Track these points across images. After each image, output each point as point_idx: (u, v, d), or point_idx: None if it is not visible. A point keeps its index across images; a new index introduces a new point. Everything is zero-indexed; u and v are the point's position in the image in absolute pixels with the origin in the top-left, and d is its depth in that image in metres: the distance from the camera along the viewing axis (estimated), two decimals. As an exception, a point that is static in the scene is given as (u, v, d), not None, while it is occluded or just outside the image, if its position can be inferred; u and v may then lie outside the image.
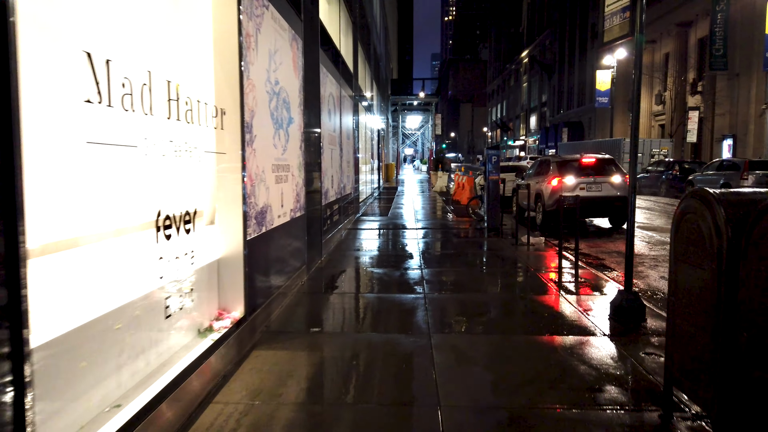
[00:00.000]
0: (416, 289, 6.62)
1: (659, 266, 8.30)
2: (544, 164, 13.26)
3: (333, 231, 10.10)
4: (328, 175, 9.36)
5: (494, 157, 11.15)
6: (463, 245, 10.04)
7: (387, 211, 16.33)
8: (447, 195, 22.84)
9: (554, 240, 10.85)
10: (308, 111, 7.54)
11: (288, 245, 6.24)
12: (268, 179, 5.29)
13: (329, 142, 9.59)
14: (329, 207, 9.59)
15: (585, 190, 11.94)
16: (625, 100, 43.62)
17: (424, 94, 42.76)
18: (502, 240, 10.48)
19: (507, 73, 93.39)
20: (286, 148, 6.05)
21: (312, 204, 7.87)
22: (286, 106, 6.10)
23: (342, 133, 11.50)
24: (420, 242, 10.24)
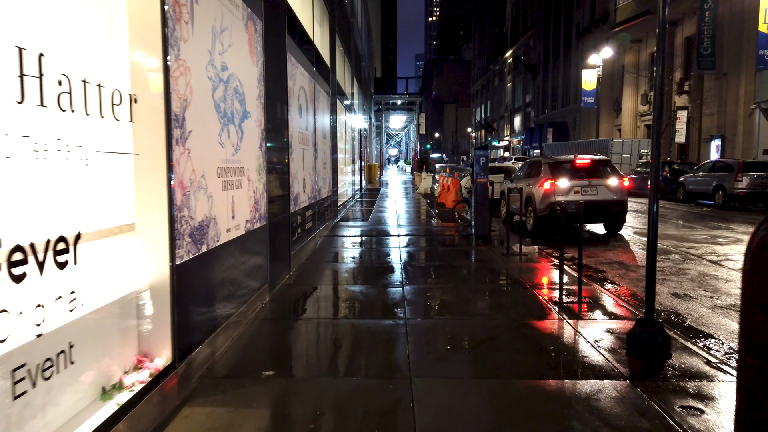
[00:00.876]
0: (396, 312, 5.66)
1: (668, 280, 7.44)
2: (535, 166, 12.39)
3: (306, 239, 9.11)
4: (298, 178, 8.37)
5: (482, 158, 10.24)
6: (449, 255, 9.10)
7: (368, 215, 15.36)
8: (431, 197, 21.94)
9: (547, 248, 9.98)
10: (272, 105, 6.55)
11: (242, 263, 5.25)
12: (211, 186, 4.30)
13: (300, 142, 8.60)
14: (300, 214, 8.60)
15: (579, 194, 11.09)
16: (611, 100, 43.19)
17: (408, 93, 41.88)
18: (492, 249, 9.56)
19: (491, 73, 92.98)
20: (238, 148, 5.05)
21: (277, 212, 6.88)
22: (239, 98, 5.11)
23: (317, 131, 10.51)
24: (402, 252, 9.29)
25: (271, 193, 6.45)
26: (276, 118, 6.83)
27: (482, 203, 10.30)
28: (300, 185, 8.50)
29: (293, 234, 7.94)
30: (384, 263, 8.31)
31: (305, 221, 9.05)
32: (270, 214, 6.31)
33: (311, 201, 9.74)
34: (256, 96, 5.77)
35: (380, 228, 12.49)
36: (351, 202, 19.36)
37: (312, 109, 9.90)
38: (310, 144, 9.66)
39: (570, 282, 6.76)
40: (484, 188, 10.28)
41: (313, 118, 10.05)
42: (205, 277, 4.23)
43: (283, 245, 7.15)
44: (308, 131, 9.38)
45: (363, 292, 6.60)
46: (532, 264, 8.25)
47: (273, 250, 6.46)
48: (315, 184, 10.19)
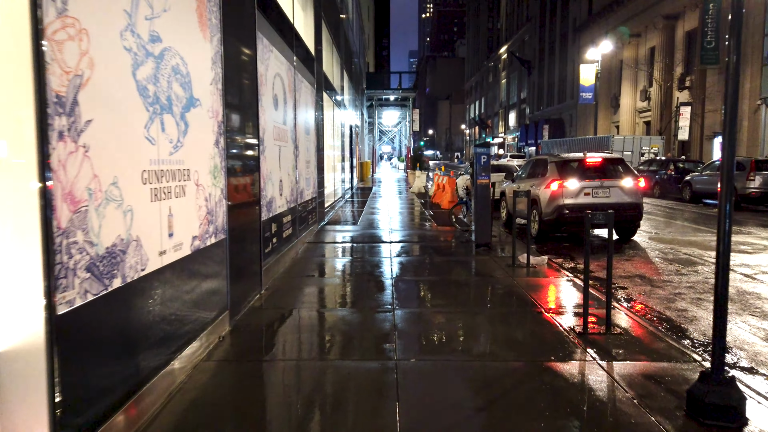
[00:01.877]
0: (385, 349, 4.55)
1: (704, 300, 6.37)
2: (540, 164, 11.31)
3: (284, 249, 7.98)
4: (273, 179, 7.24)
5: (483, 156, 9.14)
6: (447, 268, 8.00)
7: (358, 217, 14.23)
8: (425, 197, 20.84)
9: (556, 258, 8.89)
10: (235, 93, 5.41)
11: (186, 292, 4.12)
12: (130, 196, 3.17)
13: (276, 138, 7.47)
14: (276, 220, 7.47)
15: (590, 196, 10.01)
16: (608, 96, 42.26)
17: (401, 89, 40.73)
18: (495, 259, 8.47)
19: (485, 69, 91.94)
20: (180, 144, 3.92)
21: (243, 221, 5.75)
22: (181, 81, 3.97)
23: (298, 127, 9.37)
24: (393, 263, 8.18)
25: (234, 200, 5.32)
26: (241, 109, 5.69)
27: (483, 207, 9.20)
28: (275, 188, 7.37)
29: (266, 245, 6.81)
30: (373, 278, 7.20)
31: (282, 228, 7.92)
32: (232, 225, 5.18)
33: (291, 205, 8.61)
34: (210, 80, 4.63)
35: (370, 233, 11.37)
36: (340, 203, 18.23)
37: (292, 101, 8.76)
38: (290, 140, 8.52)
39: (597, 306, 5.67)
40: (486, 190, 9.18)
41: (294, 112, 8.91)
42: (119, 322, 3.10)
43: (251, 260, 6.02)
44: (287, 126, 8.24)
45: (346, 318, 5.48)
46: (542, 279, 7.16)
47: (235, 269, 5.33)
48: (296, 186, 9.05)
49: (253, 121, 6.19)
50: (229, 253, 5.10)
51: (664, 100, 33.61)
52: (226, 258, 5.04)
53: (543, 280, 7.12)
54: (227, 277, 5.07)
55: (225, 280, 5.03)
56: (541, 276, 7.32)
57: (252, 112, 6.12)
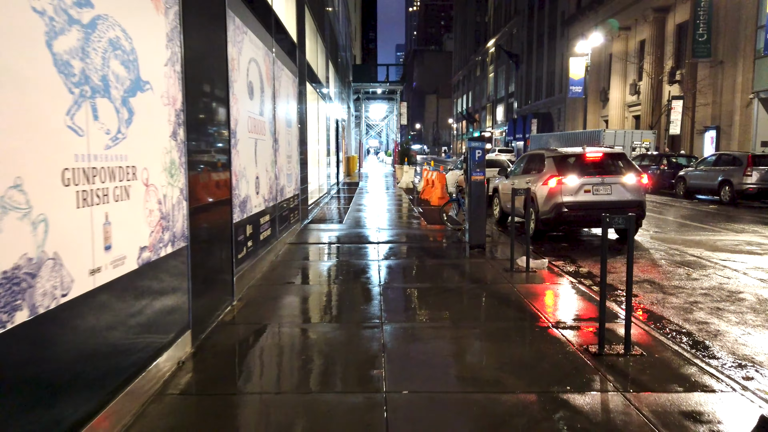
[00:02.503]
0: (373, 377, 3.88)
1: (724, 311, 5.78)
2: (536, 159, 10.69)
3: (262, 252, 7.28)
4: (248, 176, 6.52)
5: (478, 151, 8.49)
6: (440, 273, 7.34)
7: (344, 214, 13.54)
8: (414, 193, 20.18)
9: (556, 260, 8.28)
10: (198, 76, 4.69)
11: (132, 316, 3.41)
12: (43, 201, 2.46)
13: (252, 130, 6.75)
14: (252, 221, 6.76)
15: (591, 194, 9.41)
16: (597, 90, 41.87)
17: (389, 81, 39.98)
18: (491, 262, 7.84)
19: (473, 63, 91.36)
20: (122, 135, 3.21)
21: (210, 224, 5.04)
22: (124, 58, 3.26)
23: (278, 119, 8.65)
24: (381, 267, 7.51)
25: (198, 201, 4.61)
26: (207, 96, 4.97)
27: (478, 205, 8.55)
28: (250, 185, 6.65)
29: (239, 250, 6.10)
30: (359, 285, 6.53)
31: (260, 230, 7.21)
32: (195, 230, 4.48)
33: (270, 203, 7.90)
34: (165, 60, 3.91)
35: (357, 232, 10.68)
36: (326, 199, 17.51)
37: (271, 90, 8.04)
38: (268, 133, 7.80)
39: (614, 318, 5.05)
40: (481, 187, 8.53)
41: (273, 102, 8.19)
42: (27, 366, 2.40)
43: (220, 268, 5.32)
44: (264, 117, 7.52)
45: (329, 336, 4.81)
46: (544, 285, 6.54)
47: (200, 280, 4.63)
48: (275, 183, 8.34)
49: (223, 110, 5.47)
50: (192, 263, 4.39)
51: (654, 94, 33.21)
52: (187, 269, 4.33)
53: (545, 286, 6.49)
54: (189, 291, 4.37)
55: (186, 294, 4.33)
56: (542, 282, 6.69)
57: (221, 101, 5.40)
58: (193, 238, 4.42)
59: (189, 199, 4.36)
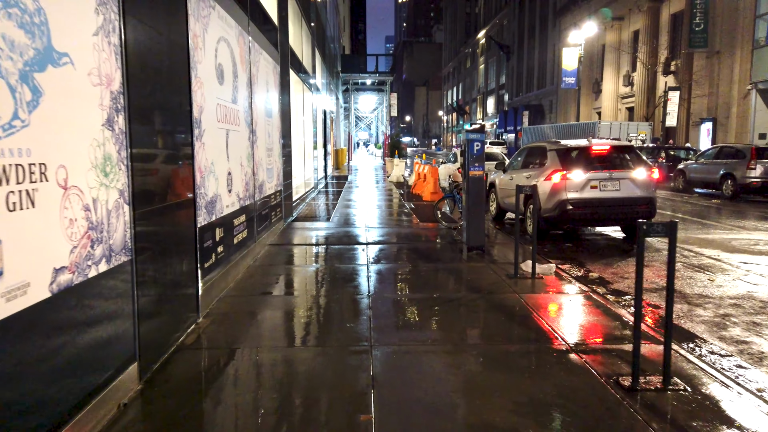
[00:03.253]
0: (358, 428, 3.11)
1: (762, 326, 5.07)
2: (537, 153, 9.94)
3: (236, 257, 6.49)
4: (218, 171, 5.70)
5: (477, 144, 7.71)
6: (435, 280, 6.58)
7: (331, 211, 12.73)
8: (405, 187, 19.40)
9: (562, 263, 7.55)
10: (145, 52, 3.86)
11: (44, 360, 2.61)
12: None
13: (223, 119, 5.92)
14: (223, 223, 5.95)
15: (598, 189, 8.69)
16: (590, 82, 41.24)
17: (378, 72, 39.05)
18: (492, 267, 7.09)
19: (463, 55, 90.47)
20: (22, 123, 2.40)
21: (165, 231, 4.24)
22: (23, 20, 2.44)
23: (256, 107, 7.83)
24: (371, 273, 6.74)
25: (147, 204, 3.80)
26: (159, 78, 4.14)
27: (476, 203, 7.78)
28: (221, 182, 5.83)
29: (206, 257, 5.29)
30: (346, 296, 5.75)
31: (233, 232, 6.40)
32: (143, 240, 3.67)
33: (246, 202, 7.09)
34: (95, 28, 3.08)
35: (345, 231, 9.89)
36: (313, 194, 16.69)
37: (246, 75, 7.21)
38: (243, 123, 6.97)
39: (625, 332, 4.32)
40: (479, 183, 7.76)
41: (249, 89, 7.35)
42: None
43: (181, 282, 4.52)
44: (238, 106, 6.68)
45: (309, 365, 4.02)
46: (554, 295, 5.80)
47: (151, 299, 3.83)
48: (252, 179, 7.52)
49: (183, 95, 4.64)
50: (138, 280, 3.59)
51: (648, 86, 32.63)
52: (131, 288, 3.53)
53: (555, 297, 5.75)
54: (134, 315, 3.57)
55: (131, 319, 3.53)
56: (551, 290, 5.95)
57: (179, 84, 4.58)
58: (139, 250, 3.61)
59: (133, 203, 3.55)
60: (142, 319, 3.65)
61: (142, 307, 3.65)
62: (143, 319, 3.67)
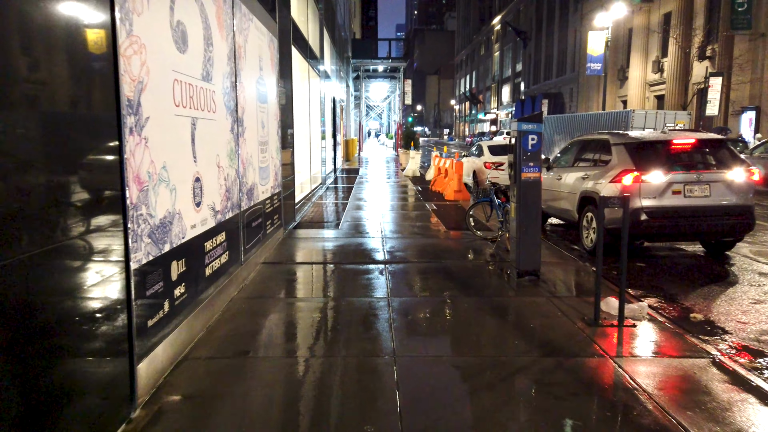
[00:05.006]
0: None
1: None
2: (595, 147, 8.06)
3: (210, 292, 4.73)
4: (174, 179, 3.91)
5: (532, 137, 5.87)
6: (483, 328, 4.75)
7: (341, 214, 10.93)
8: (422, 182, 17.56)
9: (647, 295, 5.70)
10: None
11: None
12: None
13: (187, 103, 4.13)
14: (188, 252, 4.17)
15: (682, 195, 6.82)
16: (615, 69, 38.96)
17: (391, 58, 37.02)
18: (555, 303, 5.26)
19: (477, 41, 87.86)
20: None
21: (53, 286, 2.46)
22: None
23: (243, 89, 6.03)
24: (394, 317, 4.94)
25: (14, 244, 2.02)
26: (28, 26, 2.34)
27: (530, 214, 5.95)
28: (181, 194, 4.03)
29: (153, 311, 3.52)
30: (361, 359, 3.97)
31: (203, 262, 4.61)
32: (5, 306, 1.89)
33: (228, 215, 5.30)
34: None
35: (356, 244, 8.09)
36: (320, 191, 14.89)
37: (228, 46, 5.40)
38: (222, 110, 5.17)
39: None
40: (535, 189, 5.92)
41: (233, 65, 5.55)
42: None
43: (95, 363, 2.74)
44: (213, 85, 4.88)
45: None
46: (668, 362, 3.96)
47: (28, 405, 2.06)
48: (238, 182, 5.73)
49: (98, 60, 2.84)
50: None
51: (681, 72, 30.40)
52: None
53: (670, 365, 3.91)
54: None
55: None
56: (661, 353, 4.12)
57: (87, 40, 2.78)
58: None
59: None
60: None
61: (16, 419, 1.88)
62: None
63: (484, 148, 14.57)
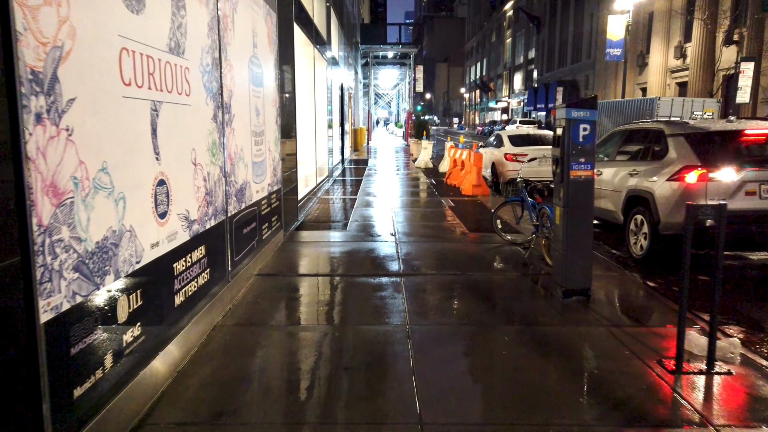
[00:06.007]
0: None
1: None
2: (644, 137, 6.94)
3: (184, 322, 3.73)
4: (121, 185, 2.89)
5: (584, 126, 4.77)
6: (529, 371, 3.69)
7: (349, 212, 9.89)
8: (435, 175, 16.47)
9: (727, 322, 4.63)
10: None
11: None
12: None
13: (145, 82, 3.09)
14: (153, 274, 3.16)
15: (757, 197, 5.71)
16: (634, 54, 37.43)
17: (401, 44, 35.74)
18: (616, 335, 4.20)
19: (488, 28, 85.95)
20: None
21: None
22: None
23: (230, 69, 4.98)
24: (412, 344, 3.91)
25: None
26: None
27: (580, 221, 4.87)
28: (139, 203, 3.00)
29: (79, 380, 2.50)
30: (373, 421, 2.94)
31: (172, 289, 3.59)
32: None
33: (209, 223, 4.28)
34: None
35: (367, 249, 7.05)
36: (327, 184, 13.85)
37: (208, 12, 4.35)
38: (200, 92, 4.12)
39: None
40: (587, 191, 4.84)
41: (215, 37, 4.49)
42: None
43: None
44: (186, 60, 3.82)
45: None
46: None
47: None
48: (223, 182, 4.69)
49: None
50: None
51: (705, 58, 28.93)
52: None
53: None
54: None
55: None
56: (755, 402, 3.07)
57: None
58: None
59: None
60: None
61: None
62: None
63: (504, 138, 13.43)
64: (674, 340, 3.71)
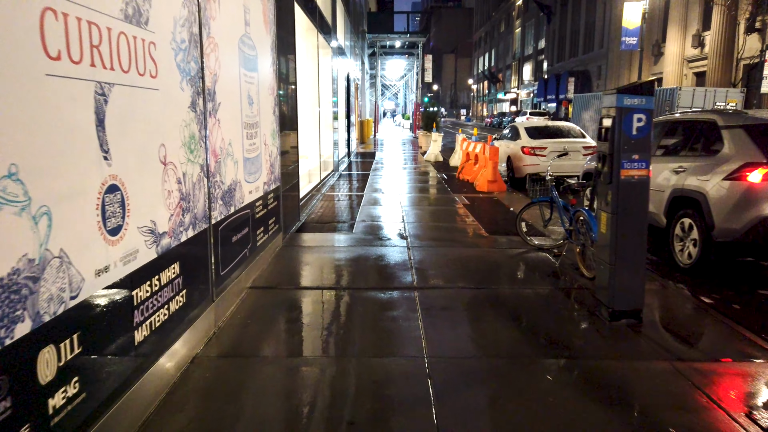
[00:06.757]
0: None
1: None
2: (691, 130, 6.11)
3: (157, 356, 2.97)
4: (70, 190, 2.12)
5: (639, 116, 3.96)
6: (577, 420, 2.92)
7: (355, 211, 9.10)
8: (446, 169, 15.66)
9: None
10: None
11: None
12: None
13: (118, 60, 2.31)
14: (96, 311, 2.41)
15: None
16: (650, 44, 36.30)
17: (409, 33, 34.77)
18: (679, 370, 3.41)
19: (497, 18, 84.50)
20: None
21: None
22: None
23: (214, 49, 4.21)
24: (433, 386, 3.14)
25: None
26: None
27: (633, 230, 4.08)
28: (72, 220, 2.24)
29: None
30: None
31: (129, 323, 2.84)
32: None
33: (192, 231, 3.52)
34: None
35: (376, 255, 6.27)
36: (332, 180, 13.06)
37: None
38: (173, 74, 3.34)
39: None
40: (641, 193, 4.03)
41: (195, 8, 3.72)
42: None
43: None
44: (153, 33, 3.04)
45: None
46: None
47: None
48: (205, 182, 3.92)
49: None
50: None
51: (725, 46, 27.83)
52: None
53: None
54: None
55: None
56: None
57: None
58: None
59: None
60: None
61: None
62: None
63: (521, 130, 12.58)
64: (761, 382, 2.92)
